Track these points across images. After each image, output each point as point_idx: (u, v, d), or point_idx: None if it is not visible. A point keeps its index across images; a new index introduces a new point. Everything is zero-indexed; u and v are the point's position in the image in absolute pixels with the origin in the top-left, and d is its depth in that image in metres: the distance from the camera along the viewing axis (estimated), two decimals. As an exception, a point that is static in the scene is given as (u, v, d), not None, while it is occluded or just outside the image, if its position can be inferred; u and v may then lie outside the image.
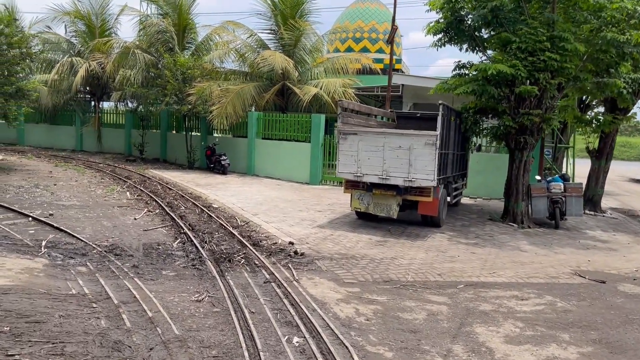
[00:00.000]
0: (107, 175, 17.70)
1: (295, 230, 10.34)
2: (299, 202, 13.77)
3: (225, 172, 19.56)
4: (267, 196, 14.60)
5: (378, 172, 10.28)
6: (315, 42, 21.28)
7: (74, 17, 25.24)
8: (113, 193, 13.94)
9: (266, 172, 19.31)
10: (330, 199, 14.62)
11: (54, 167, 19.30)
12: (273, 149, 19.11)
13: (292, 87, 19.84)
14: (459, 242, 10.09)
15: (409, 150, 10.01)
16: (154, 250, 8.41)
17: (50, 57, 25.52)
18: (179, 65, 20.07)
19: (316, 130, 17.61)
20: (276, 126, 19.38)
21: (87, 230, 9.53)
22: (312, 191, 16.14)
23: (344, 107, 10.82)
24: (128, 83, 22.16)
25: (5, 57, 16.53)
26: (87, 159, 22.71)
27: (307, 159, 17.85)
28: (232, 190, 15.40)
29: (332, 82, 20.13)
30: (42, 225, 9.74)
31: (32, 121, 28.00)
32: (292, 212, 12.26)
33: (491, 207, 14.64)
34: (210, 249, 8.66)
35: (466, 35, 11.98)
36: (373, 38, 29.74)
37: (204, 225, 10.50)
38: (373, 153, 10.28)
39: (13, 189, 13.51)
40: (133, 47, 21.96)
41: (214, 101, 19.25)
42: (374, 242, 9.65)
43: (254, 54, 21.37)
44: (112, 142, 25.92)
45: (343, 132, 10.52)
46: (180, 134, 22.83)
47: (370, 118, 12.51)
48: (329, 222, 11.30)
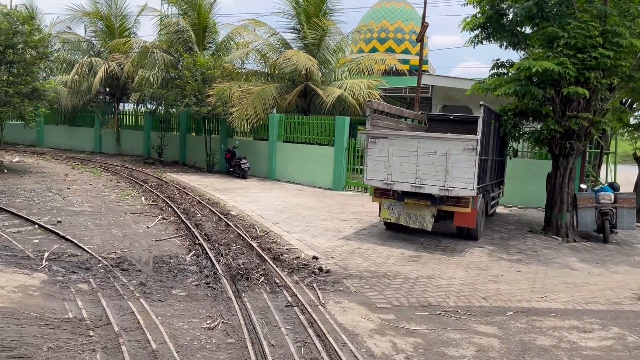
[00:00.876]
0: (123, 178, 17.11)
1: (319, 242, 9.48)
2: (322, 210, 12.92)
3: (245, 177, 18.83)
4: (289, 203, 13.78)
5: (411, 180, 9.36)
6: (339, 42, 20.43)
7: (93, 18, 24.87)
8: (127, 198, 13.29)
9: (287, 176, 18.52)
10: (355, 207, 13.73)
11: (70, 169, 18.82)
12: (295, 153, 18.32)
13: (315, 89, 19.03)
14: (501, 258, 9.10)
15: (445, 156, 9.08)
16: (165, 265, 7.64)
17: (71, 57, 25.19)
18: (199, 66, 19.43)
19: (340, 133, 16.75)
20: (298, 129, 18.59)
21: (95, 240, 8.83)
22: (335, 197, 15.27)
23: (373, 108, 9.94)
24: (147, 84, 21.65)
25: (21, 57, 16.06)
26: (105, 161, 22.23)
27: (330, 163, 17.00)
28: (251, 196, 14.63)
29: (357, 83, 19.26)
30: (48, 233, 9.08)
31: (52, 122, 27.77)
32: (316, 221, 11.41)
33: (529, 218, 13.57)
34: (226, 263, 7.86)
35: (507, 31, 11.00)
36: (399, 38, 28.80)
37: (220, 235, 9.72)
38: (405, 159, 9.38)
39: (25, 192, 12.95)
40: (152, 47, 21.43)
41: (234, 103, 18.55)
42: (406, 258, 8.73)
43: (275, 53, 20.63)
44: (131, 144, 25.45)
45: (372, 135, 9.64)
46: (199, 136, 22.20)
47: (400, 120, 11.60)
48: (355, 233, 10.42)
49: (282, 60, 19.00)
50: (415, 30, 29.44)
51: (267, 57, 21.05)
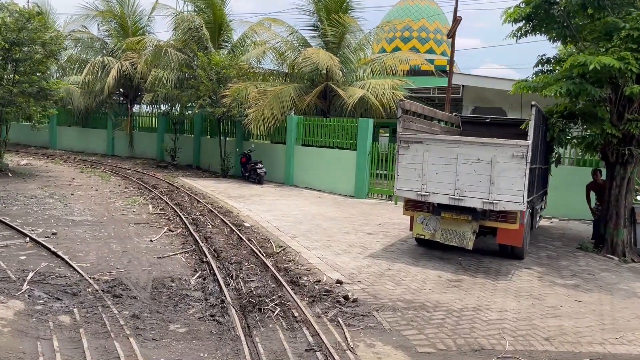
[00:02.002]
0: (132, 183, 16.16)
1: (343, 261, 8.32)
2: (344, 221, 11.76)
3: (261, 182, 17.76)
4: (307, 212, 12.65)
5: (449, 191, 8.16)
6: (361, 40, 19.26)
7: (106, 16, 24.10)
8: (134, 206, 12.29)
9: (306, 182, 17.40)
10: (380, 217, 12.54)
11: (79, 173, 17.97)
12: (314, 157, 17.20)
13: (335, 89, 17.90)
14: (554, 283, 7.83)
15: (490, 164, 7.86)
16: (165, 290, 6.55)
17: (84, 57, 24.45)
18: (214, 65, 18.44)
19: (363, 137, 15.58)
20: (318, 131, 17.46)
21: (90, 257, 7.80)
22: (358, 206, 14.10)
23: (405, 109, 8.76)
24: (160, 84, 20.75)
25: (27, 55, 15.22)
26: (116, 164, 21.38)
27: (352, 168, 15.83)
28: (267, 204, 13.53)
29: (380, 84, 18.07)
30: (38, 248, 8.08)
31: (65, 124, 27.11)
32: (338, 235, 10.26)
33: (574, 232, 12.23)
34: (236, 287, 6.75)
35: (557, 22, 9.71)
36: (423, 37, 27.58)
37: (231, 250, 8.63)
38: (443, 166, 8.18)
39: (24, 199, 12.04)
40: (166, 46, 20.52)
41: (250, 104, 17.51)
42: (445, 282, 7.52)
43: (294, 52, 19.55)
44: (144, 146, 24.60)
45: (404, 139, 8.46)
46: (214, 139, 21.22)
47: (434, 123, 10.39)
48: (383, 250, 9.23)
49: (301, 59, 17.92)
50: (440, 29, 28.27)
51: (285, 56, 19.99)
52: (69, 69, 25.53)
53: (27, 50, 15.41)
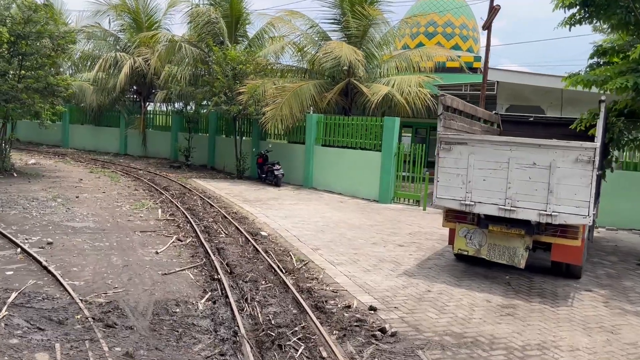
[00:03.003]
0: (142, 185, 15.26)
1: (374, 280, 7.23)
2: (370, 230, 10.66)
3: (278, 184, 16.74)
4: (329, 219, 11.58)
5: (498, 201, 7.02)
6: (386, 34, 18.12)
7: (120, 11, 23.29)
8: (142, 210, 11.35)
9: (326, 185, 16.33)
10: (410, 226, 11.42)
11: (88, 173, 17.14)
12: (334, 158, 16.12)
13: (358, 86, 16.80)
14: (625, 311, 6.64)
15: (548, 170, 6.70)
16: (168, 317, 5.54)
17: (97, 53, 23.66)
18: (229, 60, 17.47)
19: (389, 137, 14.46)
20: (339, 131, 16.38)
21: (86, 273, 6.83)
22: (384, 212, 12.99)
23: (447, 105, 7.63)
24: (174, 81, 19.87)
25: (33, 48, 14.39)
26: (128, 164, 20.56)
27: (376, 171, 14.72)
28: (285, 209, 12.49)
29: (406, 80, 16.94)
30: (29, 261, 7.14)
31: (77, 122, 26.42)
32: (365, 247, 9.17)
33: (627, 244, 10.97)
34: (251, 314, 5.72)
35: (620, 7, 8.50)
36: (448, 33, 26.26)
37: (247, 265, 7.60)
38: (492, 172, 7.04)
39: (25, 202, 11.17)
40: (180, 41, 19.61)
41: (268, 101, 16.50)
42: (496, 309, 6.39)
43: (314, 47, 18.51)
44: (158, 145, 23.77)
45: (446, 140, 7.34)
46: (229, 138, 20.27)
47: (474, 122, 9.24)
48: (419, 267, 8.11)
49: (322, 54, 16.83)
50: (466, 24, 26.94)
51: (305, 51, 18.96)
52: (81, 65, 24.80)
53: (34, 44, 14.56)
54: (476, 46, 27.72)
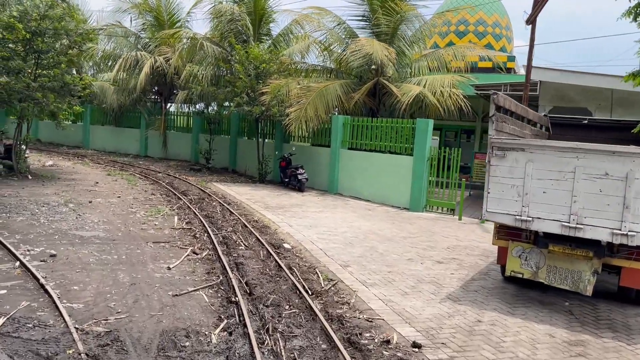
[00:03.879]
0: (160, 189, 14.56)
1: (415, 306, 6.28)
2: (404, 243, 9.70)
3: (302, 189, 15.87)
4: (358, 229, 10.66)
5: (561, 216, 6.01)
6: (419, 30, 17.11)
7: (142, 9, 22.77)
8: (157, 217, 10.60)
9: (352, 190, 15.40)
10: (446, 238, 10.41)
11: (105, 176, 16.54)
12: (362, 163, 15.18)
13: (388, 85, 15.83)
14: None
15: (624, 182, 5.67)
16: (176, 353, 4.69)
17: (118, 52, 23.17)
18: (252, 59, 16.69)
19: (422, 140, 13.47)
20: (366, 134, 15.43)
21: (87, 293, 6.04)
22: (416, 222, 12.00)
23: (499, 105, 6.64)
24: (195, 81, 19.20)
25: (50, 45, 13.81)
26: (147, 166, 19.96)
27: (407, 176, 13.73)
28: (310, 218, 11.61)
29: (439, 80, 15.94)
30: (27, 277, 6.39)
31: (98, 123, 26.01)
32: (400, 263, 8.21)
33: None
34: (273, 350, 4.84)
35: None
36: (480, 32, 25.11)
37: (268, 284, 6.73)
38: (554, 183, 6.03)
39: (34, 207, 10.53)
40: (202, 39, 18.93)
41: (292, 102, 15.68)
42: (562, 346, 5.38)
43: (341, 45, 17.62)
44: (178, 147, 23.16)
45: (499, 145, 6.35)
46: (251, 140, 19.50)
47: (525, 125, 8.21)
48: (463, 289, 7.13)
49: (350, 52, 15.92)
50: (499, 22, 25.75)
51: (331, 49, 18.08)
52: (103, 64, 24.37)
53: (50, 41, 14.00)
54: (509, 45, 26.47)
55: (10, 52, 13.62)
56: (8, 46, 13.74)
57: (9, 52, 13.57)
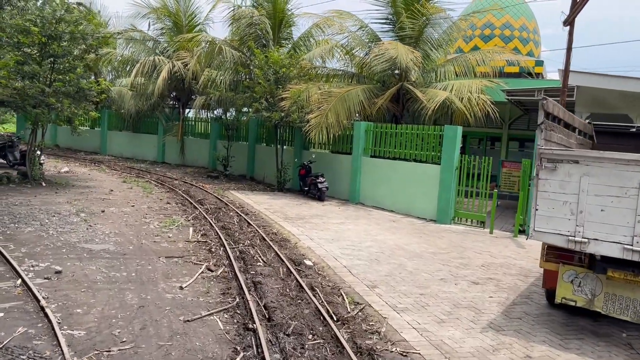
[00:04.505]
0: (176, 197, 14.08)
1: (453, 336, 5.60)
2: (434, 260, 9.00)
3: (322, 199, 15.26)
4: (383, 244, 9.99)
5: (622, 238, 5.28)
6: (446, 32, 16.42)
7: (160, 14, 22.47)
8: (171, 229, 10.07)
9: (375, 200, 14.73)
10: (479, 254, 9.68)
11: (120, 183, 16.14)
12: (385, 171, 14.51)
13: (413, 90, 15.17)
14: None
15: (701, 200, 4.93)
16: (184, 395, 4.09)
17: (136, 57, 22.90)
18: (271, 63, 16.18)
19: (450, 148, 12.76)
20: (390, 141, 14.76)
21: (91, 317, 5.49)
22: (445, 235, 11.28)
23: (548, 111, 5.95)
24: (213, 86, 18.77)
25: (64, 50, 13.46)
26: (164, 173, 19.56)
27: (433, 186, 13.03)
28: (331, 230, 10.97)
29: (466, 85, 15.22)
30: (27, 298, 5.88)
31: (115, 128, 25.76)
32: (432, 284, 7.52)
33: None
34: (296, 392, 4.20)
35: None
36: (506, 35, 24.29)
37: (289, 308, 6.12)
38: (614, 200, 5.31)
39: (45, 217, 10.08)
40: (221, 43, 18.51)
41: (312, 107, 15.11)
42: (630, 391, 4.65)
43: (363, 49, 17.01)
44: (196, 154, 22.75)
45: (550, 157, 5.65)
46: (270, 147, 18.98)
47: (571, 133, 7.48)
48: (505, 316, 6.41)
49: (372, 56, 15.31)
50: (526, 25, 24.91)
51: (353, 54, 17.48)
52: (121, 69, 24.13)
53: (66, 46, 13.65)
54: (537, 50, 25.59)
55: (25, 56, 13.32)
56: (23, 50, 13.44)
57: (24, 56, 13.27)
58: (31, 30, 12.98)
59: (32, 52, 13.46)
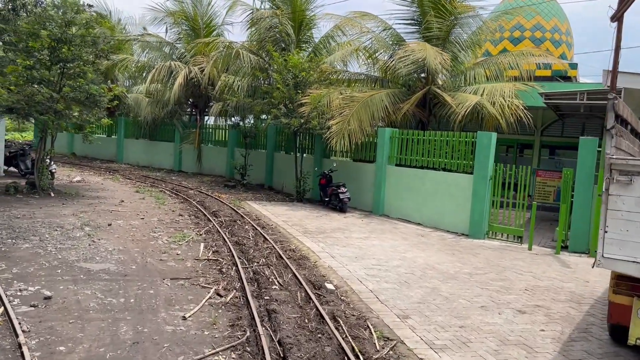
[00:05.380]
0: (190, 208, 13.33)
1: (506, 385, 4.62)
2: (471, 282, 8.00)
3: (344, 210, 14.34)
4: (412, 262, 9.03)
5: None
6: (475, 33, 15.44)
7: (177, 18, 21.93)
8: (181, 245, 9.27)
9: (400, 212, 13.76)
10: (520, 275, 8.64)
11: (133, 193, 15.48)
12: (412, 181, 13.55)
13: (441, 94, 14.21)
14: None
15: None
16: None
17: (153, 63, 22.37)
18: (291, 67, 15.39)
19: (483, 156, 11.75)
20: (416, 148, 13.80)
21: (75, 356, 4.67)
22: (480, 253, 10.26)
23: (618, 113, 4.97)
24: (230, 91, 18.08)
25: (73, 54, 12.86)
26: (180, 182, 18.89)
27: (465, 197, 12.02)
28: (355, 246, 10.05)
29: (498, 89, 14.20)
30: (6, 331, 5.09)
31: (132, 136, 25.26)
32: (472, 313, 6.54)
33: None
34: None
35: None
36: (537, 38, 23.11)
37: (307, 344, 5.23)
38: None
39: (45, 231, 9.38)
40: (239, 48, 17.82)
41: (334, 113, 14.25)
42: None
43: (387, 52, 16.11)
44: (213, 162, 22.06)
45: (624, 168, 4.66)
46: (289, 155, 18.16)
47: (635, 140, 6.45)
48: (564, 357, 5.39)
49: (397, 59, 14.42)
50: (558, 27, 23.69)
51: (376, 57, 16.60)
52: (138, 75, 23.66)
53: (76, 50, 13.04)
54: (570, 52, 24.30)
55: (34, 61, 12.76)
56: (33, 54, 12.89)
57: (32, 61, 12.71)
58: (40, 34, 12.43)
59: (41, 58, 12.87)
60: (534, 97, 14.77)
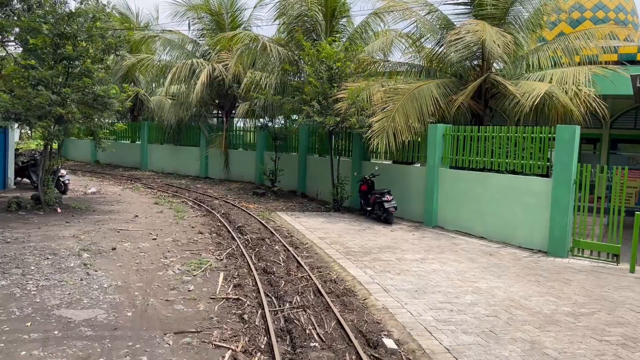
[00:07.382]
0: (212, 223, 11.59)
1: None
2: (579, 330, 5.87)
3: (390, 221, 12.32)
4: (490, 296, 6.95)
5: None
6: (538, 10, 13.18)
7: (200, 12, 20.32)
8: (195, 276, 7.46)
9: (458, 223, 11.65)
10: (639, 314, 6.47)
11: (152, 205, 13.87)
12: (471, 186, 11.42)
13: (502, 83, 12.01)
14: None
15: None
16: None
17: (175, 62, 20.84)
18: (324, 57, 13.47)
19: (565, 155, 9.51)
20: (474, 147, 11.66)
21: None
22: (571, 278, 8.07)
23: None
24: (257, 89, 16.30)
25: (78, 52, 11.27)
26: (205, 190, 17.24)
27: (541, 206, 9.83)
28: (411, 272, 8.02)
29: (571, 74, 11.96)
30: None
31: (156, 141, 23.79)
32: (605, 390, 4.44)
33: None
34: None
35: None
36: (600, 18, 20.50)
37: None
38: None
39: (34, 260, 7.74)
40: (265, 41, 16.03)
41: (375, 109, 12.25)
42: None
43: (435, 37, 13.98)
44: (241, 167, 20.33)
45: None
46: (324, 158, 16.26)
47: None
48: None
49: (447, 43, 12.34)
50: (623, 6, 21.01)
51: (422, 45, 14.51)
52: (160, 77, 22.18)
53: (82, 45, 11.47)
54: (637, 33, 21.56)
55: (36, 59, 11.24)
56: (36, 52, 11.37)
57: (34, 59, 11.19)
58: (41, 29, 10.91)
59: (44, 55, 11.32)
60: (608, 83, 12.44)
